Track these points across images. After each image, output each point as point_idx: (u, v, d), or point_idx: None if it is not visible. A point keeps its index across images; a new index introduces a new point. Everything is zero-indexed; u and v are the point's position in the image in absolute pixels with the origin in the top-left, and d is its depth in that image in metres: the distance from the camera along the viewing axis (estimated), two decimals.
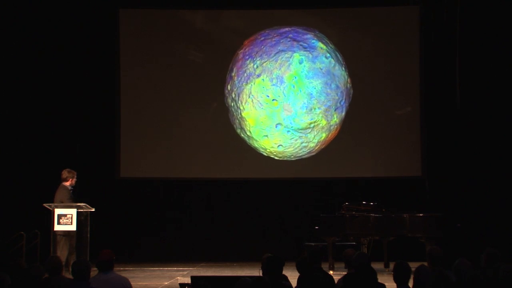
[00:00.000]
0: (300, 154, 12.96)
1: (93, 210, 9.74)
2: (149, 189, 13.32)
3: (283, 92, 12.91)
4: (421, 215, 10.53)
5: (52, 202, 9.82)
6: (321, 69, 12.82)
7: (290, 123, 12.96)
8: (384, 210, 10.79)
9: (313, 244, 11.25)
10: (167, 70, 13.21)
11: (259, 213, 13.01)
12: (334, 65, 12.89)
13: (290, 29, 12.93)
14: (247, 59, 12.94)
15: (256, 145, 13.08)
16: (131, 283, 6.03)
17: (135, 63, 13.23)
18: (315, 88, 12.86)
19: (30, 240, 11.08)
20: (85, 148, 12.78)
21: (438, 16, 12.87)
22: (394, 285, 5.44)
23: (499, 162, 12.30)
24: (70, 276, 5.66)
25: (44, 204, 9.67)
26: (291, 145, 12.95)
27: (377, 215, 10.53)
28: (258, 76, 12.89)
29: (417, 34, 13.05)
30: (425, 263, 5.97)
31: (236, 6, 13.40)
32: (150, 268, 11.49)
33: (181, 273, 10.82)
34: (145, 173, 13.12)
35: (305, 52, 12.85)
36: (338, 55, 12.95)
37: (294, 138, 12.96)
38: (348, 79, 12.93)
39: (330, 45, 12.96)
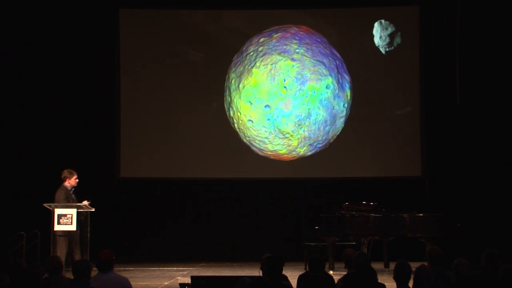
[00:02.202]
0: (254, 143, 12.92)
1: (93, 210, 9.73)
2: (149, 189, 13.32)
3: (297, 90, 12.91)
4: (421, 215, 10.53)
5: (52, 202, 9.80)
6: (334, 109, 12.86)
7: (277, 116, 12.95)
8: (384, 210, 10.79)
9: (313, 244, 11.24)
10: (167, 70, 13.20)
11: (258, 213, 13.02)
12: (341, 117, 12.94)
13: (339, 57, 12.90)
14: (296, 39, 12.88)
15: (235, 100, 13.00)
16: (131, 283, 6.02)
17: (135, 63, 13.23)
18: (317, 115, 12.86)
19: (30, 240, 11.08)
20: (85, 148, 12.77)
21: (438, 16, 12.87)
22: (394, 285, 5.44)
23: (499, 162, 12.30)
24: (71, 276, 5.65)
25: (44, 204, 9.66)
26: (258, 130, 12.92)
27: (377, 215, 10.53)
28: (293, 60, 12.88)
29: (417, 34, 13.05)
30: (425, 263, 5.97)
31: (236, 6, 13.39)
32: (150, 268, 11.49)
33: (181, 273, 10.82)
34: (145, 173, 13.12)
35: (336, 84, 12.87)
36: (349, 113, 12.94)
37: (265, 129, 12.94)
38: (336, 137, 12.94)
39: (352, 100, 12.95)
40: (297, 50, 12.88)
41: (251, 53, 12.94)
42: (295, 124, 12.94)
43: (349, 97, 12.94)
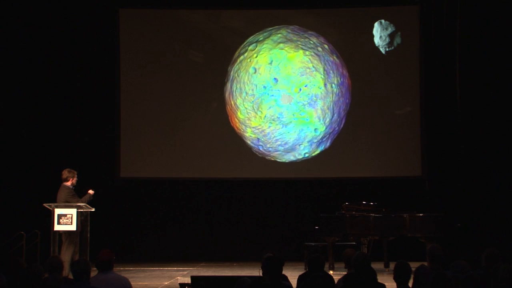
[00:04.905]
0: (234, 85, 12.99)
1: (93, 210, 9.73)
2: (149, 189, 13.32)
3: (302, 102, 12.94)
4: (421, 215, 10.53)
5: (55, 202, 9.76)
6: (300, 146, 12.97)
7: (272, 95, 12.98)
8: (384, 210, 10.79)
9: (313, 244, 11.24)
10: (167, 70, 13.21)
11: (259, 213, 13.02)
12: (294, 157, 13.02)
13: (340, 127, 13.01)
14: (341, 79, 12.97)
15: (264, 46, 13.08)
16: (131, 283, 6.02)
17: (135, 63, 13.23)
18: (289, 133, 12.95)
19: (30, 240, 11.08)
20: (85, 148, 12.77)
21: (438, 16, 12.86)
22: (394, 285, 5.44)
23: (499, 162, 12.29)
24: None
25: (44, 204, 9.66)
26: (250, 81, 13.00)
27: (377, 215, 10.53)
28: (325, 85, 12.91)
29: (417, 34, 13.05)
30: (425, 263, 5.96)
31: (236, 6, 13.40)
32: (150, 268, 11.50)
33: (181, 273, 10.82)
34: (145, 173, 13.12)
35: (320, 137, 12.94)
36: (304, 157, 13.01)
37: (254, 89, 12.99)
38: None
39: (313, 157, 13.06)
40: (333, 85, 12.98)
41: (311, 42, 12.99)
42: (272, 116, 12.97)
43: (313, 154, 13.02)
